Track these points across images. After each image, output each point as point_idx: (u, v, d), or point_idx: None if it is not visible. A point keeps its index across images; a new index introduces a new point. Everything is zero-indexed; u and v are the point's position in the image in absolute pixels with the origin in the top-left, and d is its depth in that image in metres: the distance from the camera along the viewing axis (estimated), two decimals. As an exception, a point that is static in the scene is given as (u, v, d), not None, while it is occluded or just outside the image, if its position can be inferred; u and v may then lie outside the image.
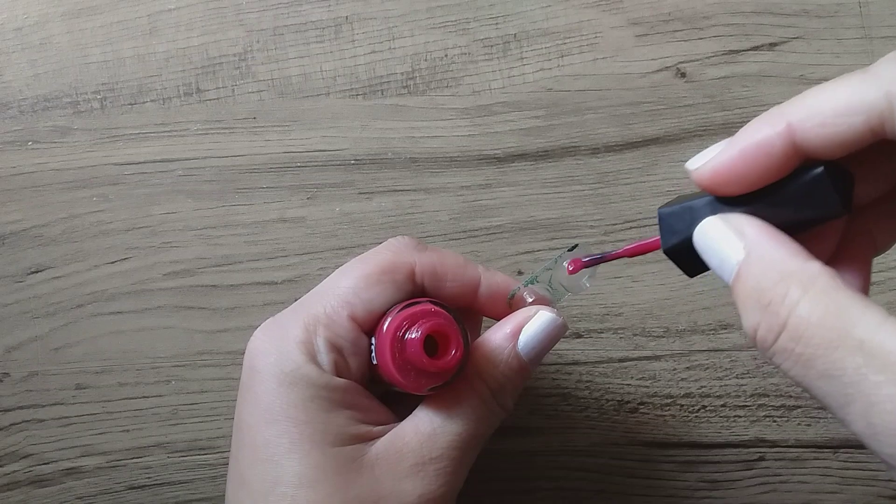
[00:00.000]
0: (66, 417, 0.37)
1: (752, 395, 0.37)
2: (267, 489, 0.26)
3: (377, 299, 0.27)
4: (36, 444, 0.37)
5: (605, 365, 0.37)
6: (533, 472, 0.37)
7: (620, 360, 0.37)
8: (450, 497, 0.27)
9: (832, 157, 0.20)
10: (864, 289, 0.23)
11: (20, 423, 0.37)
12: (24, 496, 0.37)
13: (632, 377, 0.37)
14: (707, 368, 0.37)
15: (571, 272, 0.28)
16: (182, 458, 0.37)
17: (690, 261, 0.23)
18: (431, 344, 0.26)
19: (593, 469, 0.37)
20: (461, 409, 0.27)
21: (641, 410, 0.37)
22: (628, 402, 0.37)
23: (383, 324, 0.26)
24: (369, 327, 0.28)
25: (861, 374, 0.17)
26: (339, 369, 0.27)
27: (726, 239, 0.21)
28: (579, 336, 0.37)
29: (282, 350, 0.27)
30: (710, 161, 0.21)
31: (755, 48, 0.39)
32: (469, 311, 0.30)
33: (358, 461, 0.26)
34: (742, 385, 0.37)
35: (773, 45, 0.39)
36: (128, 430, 0.37)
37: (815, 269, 0.19)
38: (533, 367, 0.28)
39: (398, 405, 0.28)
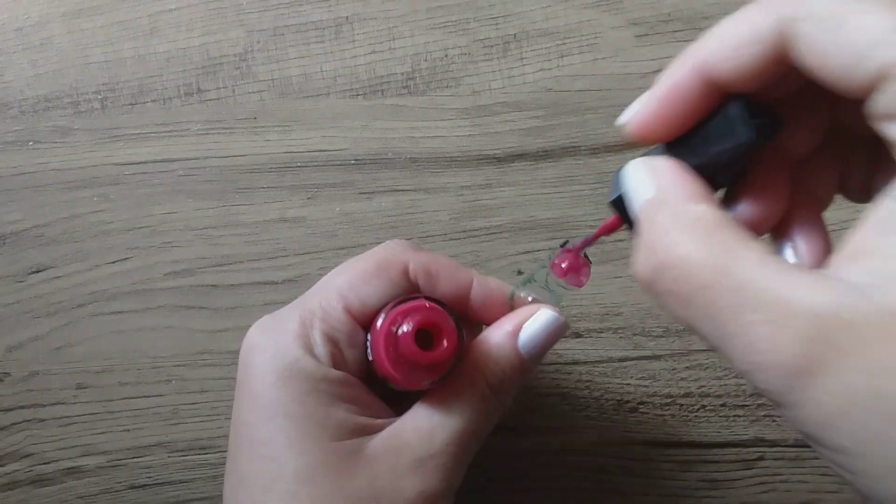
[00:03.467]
0: (67, 417, 0.37)
1: (751, 395, 0.37)
2: (266, 486, 0.26)
3: (372, 294, 0.28)
4: (37, 444, 0.37)
5: (605, 365, 0.37)
6: (533, 472, 0.37)
7: (620, 360, 0.37)
8: (449, 492, 0.27)
9: (749, 89, 0.20)
10: (825, 245, 0.23)
11: (21, 422, 0.37)
12: (25, 495, 0.37)
13: (631, 377, 0.37)
14: (707, 368, 0.37)
15: (565, 269, 0.27)
16: (182, 458, 0.37)
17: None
18: (427, 339, 0.26)
19: (593, 469, 0.37)
20: (461, 406, 0.27)
21: (641, 410, 0.37)
22: (628, 401, 0.37)
23: (377, 319, 0.27)
24: (365, 322, 0.28)
25: (737, 313, 0.17)
26: (336, 362, 0.27)
27: (641, 178, 0.21)
28: (579, 336, 0.37)
29: (278, 344, 0.27)
30: (637, 112, 0.21)
31: (755, 48, 0.39)
32: (464, 316, 0.30)
33: (357, 456, 0.26)
34: (742, 385, 0.37)
35: (772, 45, 0.39)
36: (128, 430, 0.37)
37: (701, 210, 0.19)
38: (533, 366, 0.28)
39: (398, 405, 0.28)
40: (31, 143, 0.39)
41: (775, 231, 0.23)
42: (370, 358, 0.27)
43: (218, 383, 0.37)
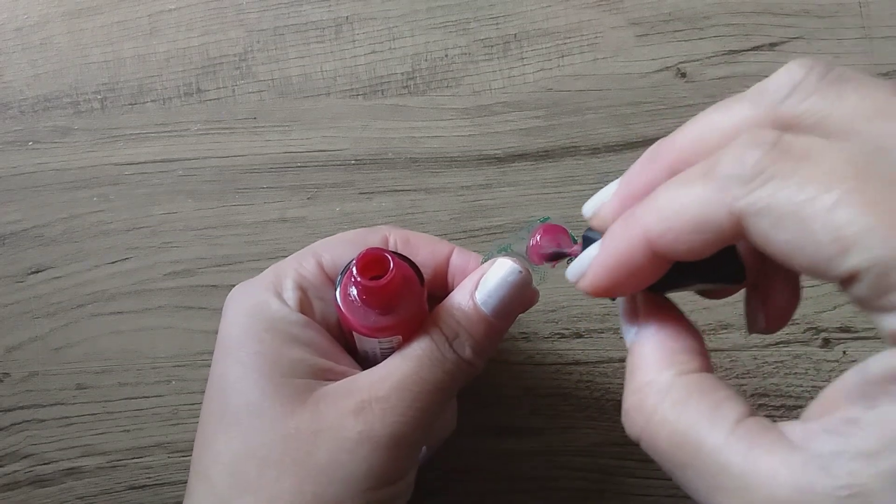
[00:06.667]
0: (67, 417, 0.37)
1: (752, 395, 0.37)
2: (217, 418, 0.26)
3: (345, 255, 0.29)
4: (36, 444, 0.37)
5: (605, 365, 0.37)
6: (533, 472, 0.37)
7: (621, 360, 0.37)
8: (396, 443, 0.26)
9: (700, 258, 0.19)
10: (793, 292, 0.23)
11: (21, 423, 0.37)
12: (25, 496, 0.37)
13: (632, 377, 0.37)
14: (707, 368, 0.37)
15: (538, 245, 0.27)
16: (182, 458, 0.37)
17: None
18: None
19: (593, 469, 0.37)
20: (413, 352, 0.27)
21: (641, 410, 0.37)
22: (628, 401, 0.37)
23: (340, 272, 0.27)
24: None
25: (710, 494, 0.17)
26: (304, 308, 0.28)
27: (627, 310, 0.22)
28: (579, 336, 0.37)
29: (251, 292, 0.28)
30: (586, 276, 0.21)
31: (755, 48, 0.39)
32: (444, 287, 0.30)
33: (306, 394, 0.26)
34: (742, 385, 0.37)
35: (773, 45, 0.39)
36: (128, 430, 0.37)
37: (670, 381, 0.19)
38: (497, 320, 0.27)
39: None
40: (31, 143, 0.39)
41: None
42: (338, 315, 0.28)
43: (218, 383, 0.37)
